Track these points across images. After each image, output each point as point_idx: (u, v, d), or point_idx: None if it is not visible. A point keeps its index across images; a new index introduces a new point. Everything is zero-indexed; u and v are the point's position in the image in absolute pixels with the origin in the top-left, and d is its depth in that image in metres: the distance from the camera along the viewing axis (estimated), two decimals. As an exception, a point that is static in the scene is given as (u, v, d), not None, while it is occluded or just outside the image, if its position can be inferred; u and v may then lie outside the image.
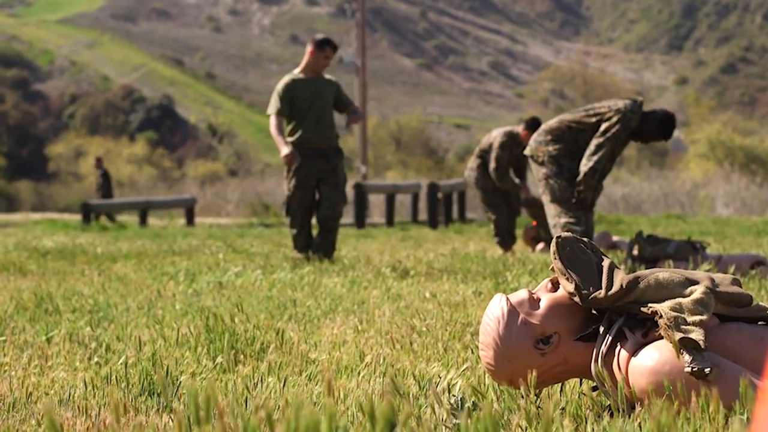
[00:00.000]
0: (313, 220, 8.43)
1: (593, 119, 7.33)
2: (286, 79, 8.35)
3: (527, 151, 7.61)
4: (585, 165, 7.25)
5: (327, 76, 8.47)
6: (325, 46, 8.33)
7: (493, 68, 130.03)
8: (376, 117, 64.34)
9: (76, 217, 23.04)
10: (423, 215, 22.07)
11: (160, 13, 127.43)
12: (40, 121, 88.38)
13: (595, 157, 7.24)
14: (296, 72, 8.41)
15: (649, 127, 7.36)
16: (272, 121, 8.24)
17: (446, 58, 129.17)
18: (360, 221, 19.25)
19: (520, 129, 10.17)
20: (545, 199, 7.44)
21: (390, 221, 20.25)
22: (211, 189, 39.35)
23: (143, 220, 20.66)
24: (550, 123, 7.58)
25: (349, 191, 20.48)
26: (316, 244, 8.32)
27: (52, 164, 73.08)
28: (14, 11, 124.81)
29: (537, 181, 7.55)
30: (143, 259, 8.67)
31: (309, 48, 8.36)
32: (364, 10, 31.30)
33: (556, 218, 7.35)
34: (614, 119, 7.23)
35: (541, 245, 10.54)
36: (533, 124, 9.97)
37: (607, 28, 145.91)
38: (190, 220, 21.56)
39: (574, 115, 7.45)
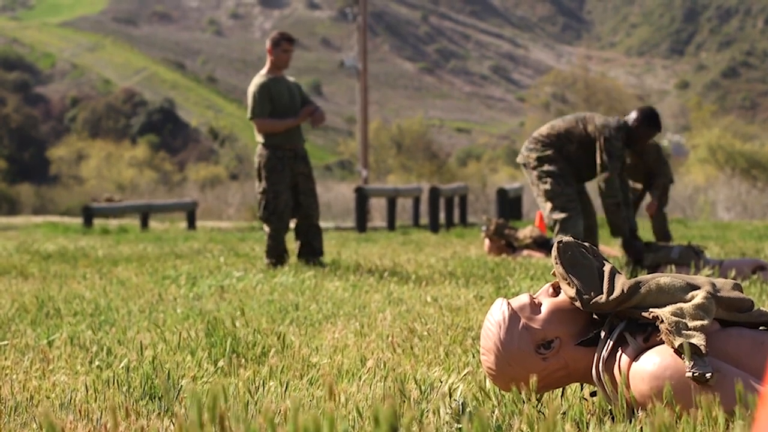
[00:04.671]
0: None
1: (581, 131, 7.51)
2: (258, 81, 8.26)
3: (519, 159, 7.76)
4: (604, 201, 7.54)
5: (289, 77, 8.44)
6: (281, 42, 8.30)
7: (494, 72, 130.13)
8: (377, 121, 64.37)
9: (78, 221, 23.03)
10: (424, 219, 22.06)
11: (162, 16, 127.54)
12: (42, 124, 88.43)
13: (610, 191, 7.44)
14: (263, 73, 8.32)
15: (640, 131, 7.47)
16: (259, 123, 8.14)
17: (447, 61, 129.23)
18: (361, 225, 19.23)
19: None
20: (539, 200, 7.62)
21: (391, 225, 20.24)
22: (212, 192, 39.38)
23: (144, 224, 20.64)
24: (540, 130, 7.73)
25: (351, 195, 20.48)
26: (301, 251, 8.24)
27: (53, 167, 73.13)
28: (16, 14, 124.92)
29: (531, 185, 7.71)
30: (144, 262, 8.67)
31: (267, 47, 8.32)
32: (366, 13, 31.30)
33: (549, 216, 7.53)
34: (604, 151, 7.39)
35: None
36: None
37: (609, 32, 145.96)
38: (191, 224, 21.55)
39: (564, 124, 7.62)
